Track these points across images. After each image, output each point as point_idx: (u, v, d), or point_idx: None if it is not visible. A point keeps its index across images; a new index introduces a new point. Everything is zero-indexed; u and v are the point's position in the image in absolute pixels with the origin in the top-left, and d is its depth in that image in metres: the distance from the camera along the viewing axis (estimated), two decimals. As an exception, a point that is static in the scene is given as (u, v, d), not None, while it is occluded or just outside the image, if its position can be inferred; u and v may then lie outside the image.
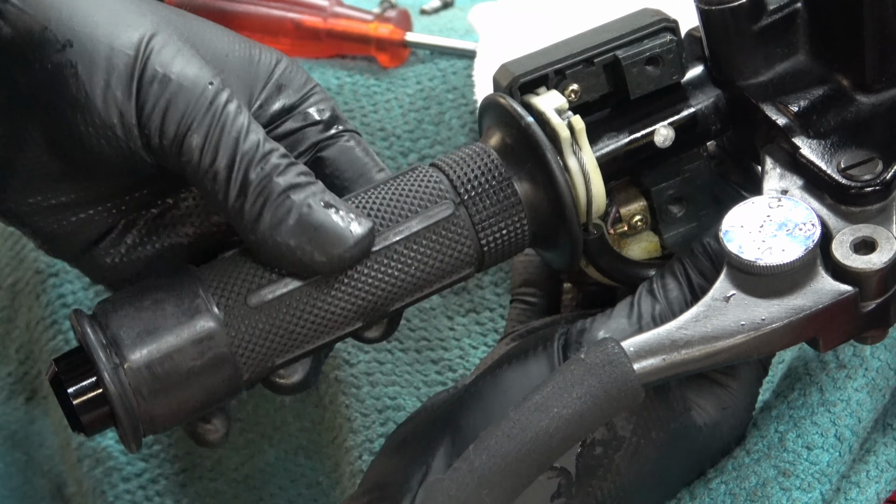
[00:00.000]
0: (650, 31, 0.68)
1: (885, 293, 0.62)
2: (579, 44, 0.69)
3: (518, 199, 0.67)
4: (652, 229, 0.71)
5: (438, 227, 0.66)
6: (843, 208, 0.63)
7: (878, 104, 0.66)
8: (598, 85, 0.69)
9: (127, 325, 0.63)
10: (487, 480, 0.58)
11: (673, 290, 0.66)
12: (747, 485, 0.67)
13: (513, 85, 0.68)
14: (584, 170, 0.66)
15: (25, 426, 1.03)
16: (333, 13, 1.07)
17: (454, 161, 0.67)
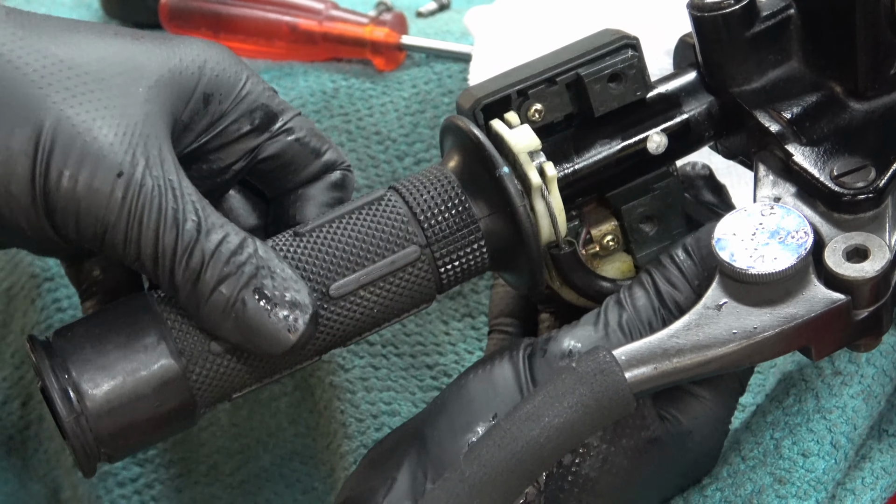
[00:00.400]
0: (611, 49, 0.68)
1: (877, 301, 0.61)
2: (541, 64, 0.69)
3: (481, 234, 0.66)
4: (625, 250, 0.70)
5: (403, 272, 0.66)
6: (835, 216, 0.63)
7: (870, 111, 0.66)
8: (562, 104, 0.68)
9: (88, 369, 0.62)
10: (478, 490, 0.58)
11: (640, 298, 0.66)
12: (743, 492, 0.67)
13: (475, 107, 0.68)
14: (551, 213, 0.66)
15: (21, 431, 1.03)
16: (329, 16, 1.07)
17: (417, 190, 0.66)
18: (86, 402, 0.62)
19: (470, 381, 0.66)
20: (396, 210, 0.66)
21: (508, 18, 1.02)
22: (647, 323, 0.65)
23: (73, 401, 0.62)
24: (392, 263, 0.65)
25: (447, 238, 0.66)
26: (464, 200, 0.66)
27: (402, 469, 0.65)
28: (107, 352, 0.62)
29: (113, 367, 0.62)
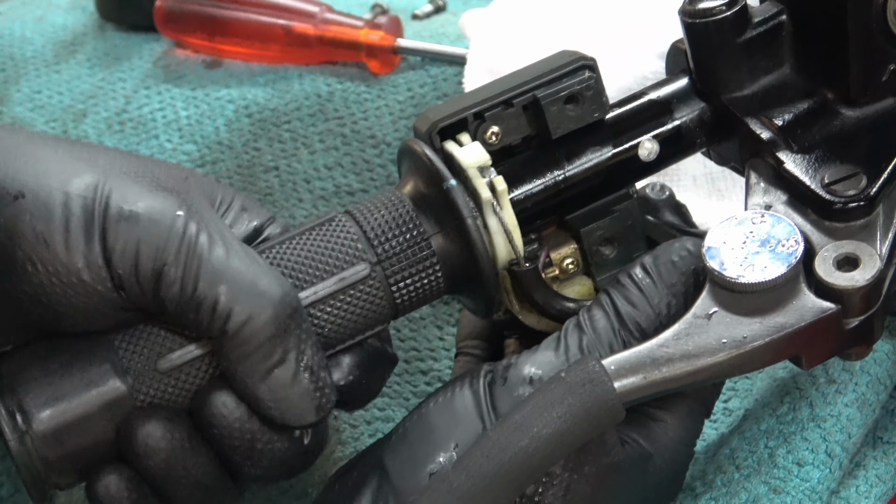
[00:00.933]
0: (568, 70, 0.68)
1: (868, 310, 0.61)
2: (498, 87, 0.69)
3: (433, 252, 0.66)
4: (585, 273, 0.70)
5: (353, 289, 0.65)
6: (826, 224, 0.63)
7: (862, 118, 0.66)
8: (519, 126, 0.68)
9: (34, 389, 0.61)
10: (467, 501, 0.58)
11: (600, 320, 0.65)
12: (737, 501, 0.67)
13: (431, 130, 0.67)
14: (505, 229, 0.66)
15: (15, 435, 1.02)
16: (324, 19, 1.07)
17: (370, 212, 0.66)
18: (31, 422, 0.61)
19: (430, 409, 0.65)
20: (347, 230, 0.66)
21: (503, 21, 1.02)
22: (607, 345, 0.64)
23: (19, 421, 0.61)
24: (341, 280, 0.65)
25: (398, 255, 0.65)
26: (414, 218, 0.66)
27: (363, 499, 0.64)
28: (52, 371, 0.62)
29: (59, 387, 0.61)
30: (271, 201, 0.99)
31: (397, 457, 0.65)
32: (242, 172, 1.02)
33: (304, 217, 0.97)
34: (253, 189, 1.01)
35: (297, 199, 0.99)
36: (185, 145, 1.06)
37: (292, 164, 1.01)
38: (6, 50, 1.18)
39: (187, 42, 1.12)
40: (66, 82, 1.14)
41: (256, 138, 1.04)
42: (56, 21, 1.20)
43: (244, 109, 1.06)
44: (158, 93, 1.10)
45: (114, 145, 1.08)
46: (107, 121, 1.10)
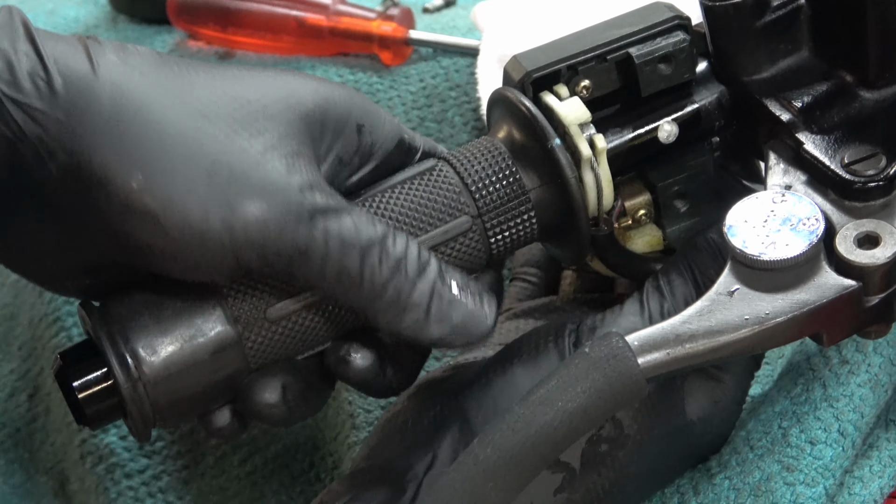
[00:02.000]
0: (664, 29, 0.68)
1: (888, 288, 0.62)
2: (592, 39, 0.68)
3: (531, 206, 0.66)
4: (654, 222, 0.71)
5: (455, 241, 0.66)
6: (846, 203, 0.63)
7: (881, 100, 0.66)
8: (609, 81, 0.68)
9: (146, 336, 0.62)
10: (492, 474, 0.58)
11: (679, 286, 0.66)
12: (751, 479, 0.67)
13: (525, 80, 0.67)
14: (598, 185, 0.66)
15: (28, 423, 1.03)
16: (336, 11, 1.07)
17: (469, 162, 0.67)
18: (144, 368, 0.62)
19: (515, 365, 0.67)
20: (448, 180, 0.66)
21: (515, 13, 1.02)
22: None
23: (132, 367, 0.62)
24: (445, 233, 0.65)
25: (498, 209, 0.66)
26: (514, 171, 0.66)
27: (443, 444, 0.65)
28: (164, 318, 0.62)
29: (170, 333, 0.62)
30: (285, 190, 1.00)
31: (481, 407, 0.66)
32: (255, 162, 1.02)
33: (317, 206, 0.98)
34: (266, 178, 1.01)
35: (310, 188, 0.99)
36: (198, 135, 1.06)
37: (305, 153, 1.01)
38: (18, 42, 1.18)
39: (200, 34, 1.12)
40: (78, 74, 1.15)
41: (269, 128, 1.04)
42: (68, 13, 1.20)
43: (257, 100, 1.06)
44: (171, 84, 1.10)
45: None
46: (119, 111, 1.10)
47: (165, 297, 0.63)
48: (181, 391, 0.63)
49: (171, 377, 0.62)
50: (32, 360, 1.02)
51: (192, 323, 0.62)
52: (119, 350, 0.62)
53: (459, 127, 0.99)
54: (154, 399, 0.62)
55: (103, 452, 0.95)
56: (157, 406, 0.62)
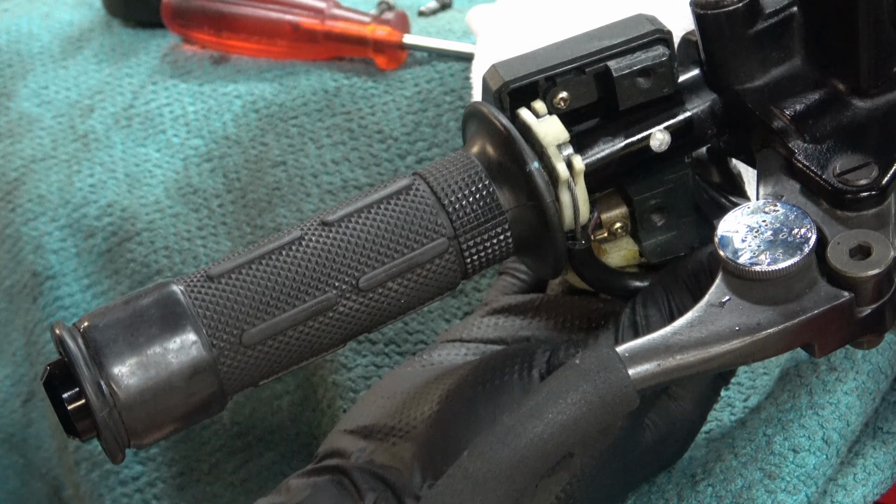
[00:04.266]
0: (644, 43, 0.67)
1: (880, 298, 0.61)
2: (571, 50, 0.68)
3: (508, 227, 0.66)
4: (631, 235, 0.70)
5: (431, 263, 0.65)
6: (838, 213, 0.63)
7: (873, 108, 0.66)
8: (588, 93, 0.68)
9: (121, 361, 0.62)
10: (482, 487, 0.58)
11: (656, 323, 0.65)
12: (733, 487, 0.67)
13: (503, 90, 0.67)
14: (575, 204, 0.66)
15: (22, 429, 1.03)
16: (331, 15, 1.07)
17: (446, 181, 0.66)
18: (118, 394, 0.61)
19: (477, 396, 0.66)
20: (425, 200, 0.65)
21: (510, 17, 1.02)
22: None
23: (106, 393, 0.61)
24: (421, 255, 0.65)
25: (474, 229, 0.65)
26: (491, 191, 0.66)
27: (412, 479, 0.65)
28: (139, 344, 0.62)
29: (145, 359, 0.62)
30: (279, 196, 1.00)
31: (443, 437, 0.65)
32: (250, 167, 1.02)
33: (311, 212, 0.98)
34: (260, 184, 1.01)
35: (304, 193, 0.99)
36: (192, 140, 1.06)
37: (300, 158, 1.01)
38: (13, 46, 1.19)
39: (194, 38, 1.12)
40: (73, 78, 1.15)
41: (264, 133, 1.04)
42: (63, 17, 1.20)
43: (251, 105, 1.06)
44: (166, 88, 1.10)
45: (121, 140, 1.08)
46: (114, 116, 1.10)
47: (141, 322, 0.63)
48: (155, 415, 0.62)
49: (146, 402, 0.62)
50: (27, 366, 1.02)
51: (166, 349, 0.62)
52: (94, 376, 0.62)
53: (454, 132, 0.99)
54: (128, 424, 0.62)
55: (98, 459, 0.95)
56: (131, 430, 0.62)
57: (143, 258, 1.00)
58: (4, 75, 1.17)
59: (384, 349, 0.90)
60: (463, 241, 0.65)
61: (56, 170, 1.07)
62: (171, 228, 1.01)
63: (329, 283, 0.64)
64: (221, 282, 0.64)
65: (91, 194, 1.05)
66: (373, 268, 0.64)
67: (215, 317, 0.63)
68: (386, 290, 0.65)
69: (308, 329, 0.64)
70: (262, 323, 0.63)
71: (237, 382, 0.64)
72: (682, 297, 0.66)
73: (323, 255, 0.64)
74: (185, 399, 0.63)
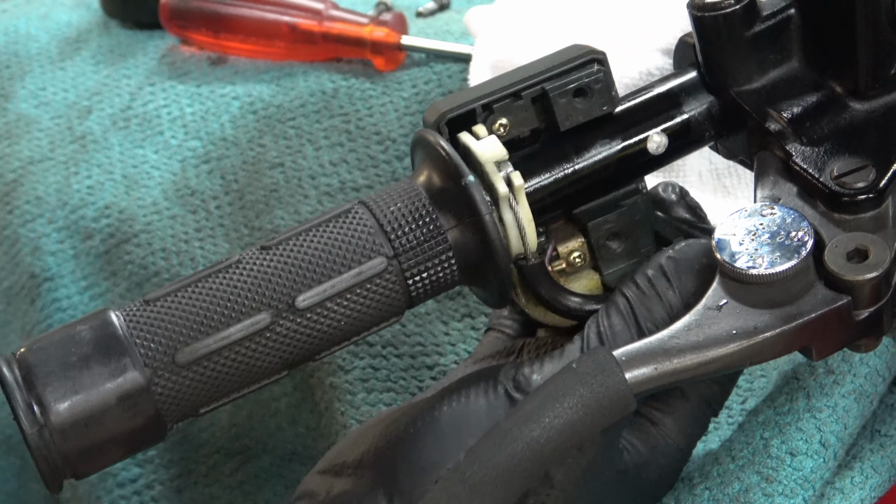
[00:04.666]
0: (577, 64, 0.67)
1: (878, 302, 0.61)
2: (507, 79, 0.68)
3: (449, 246, 0.65)
4: (592, 267, 0.70)
5: (370, 283, 0.65)
6: (836, 216, 0.63)
7: (871, 111, 0.66)
8: (528, 119, 0.68)
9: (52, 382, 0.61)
10: (479, 490, 0.58)
11: (621, 333, 0.64)
12: (730, 491, 0.67)
13: (440, 121, 0.67)
14: (519, 224, 0.66)
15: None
16: (329, 16, 1.07)
17: (386, 204, 0.66)
18: (49, 415, 0.60)
19: (443, 413, 0.65)
20: (364, 222, 0.65)
21: (508, 18, 1.02)
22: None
23: (37, 414, 0.60)
24: (359, 274, 0.64)
25: (414, 249, 0.65)
26: (431, 212, 0.65)
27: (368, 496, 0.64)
28: (70, 365, 0.61)
29: (77, 380, 0.61)
30: (276, 197, 1.00)
31: (407, 459, 0.64)
32: (248, 169, 1.02)
33: (309, 213, 0.98)
34: (258, 185, 1.01)
35: (302, 195, 0.99)
36: (190, 141, 1.06)
37: (297, 160, 1.01)
38: (11, 47, 1.19)
39: (192, 39, 1.12)
40: (70, 79, 1.15)
41: (261, 135, 1.04)
42: (61, 18, 1.20)
43: (249, 106, 1.06)
44: (163, 89, 1.10)
45: (119, 142, 1.08)
46: (112, 117, 1.10)
47: (74, 346, 0.62)
48: (90, 440, 0.61)
49: (78, 425, 0.61)
50: (25, 368, 1.02)
51: (99, 369, 0.61)
52: (24, 397, 0.61)
53: (452, 133, 0.98)
54: (62, 449, 0.61)
55: (95, 461, 0.95)
56: (66, 455, 0.61)
57: (141, 260, 1.00)
58: (2, 76, 1.17)
59: (381, 351, 0.90)
60: (403, 262, 0.65)
61: (54, 171, 1.07)
62: (168, 230, 1.01)
63: (264, 302, 0.63)
64: (157, 305, 0.63)
65: (89, 196, 1.04)
66: (309, 287, 0.64)
67: (149, 337, 0.62)
68: (325, 311, 0.64)
69: (245, 350, 0.63)
70: (196, 342, 0.63)
71: (175, 408, 0.63)
72: (644, 302, 0.65)
73: (259, 277, 0.64)
74: (121, 423, 0.62)
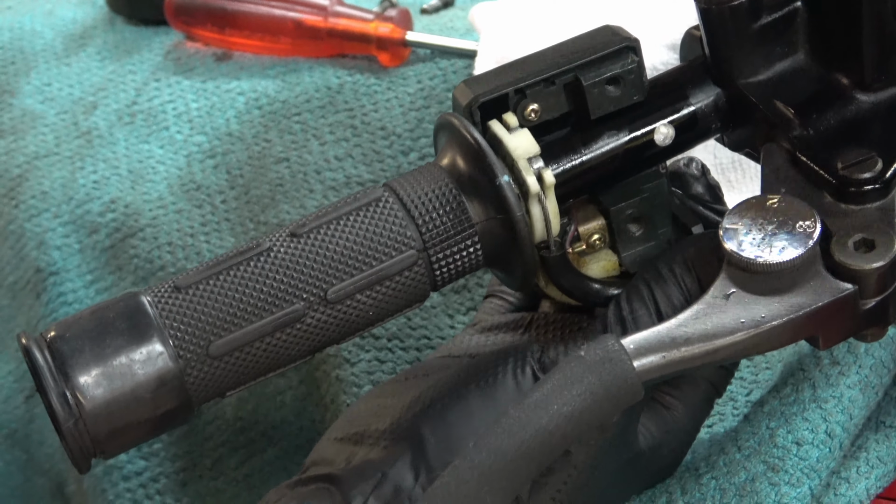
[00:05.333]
0: (612, 52, 0.68)
1: (884, 291, 0.62)
2: (540, 63, 0.68)
3: (477, 240, 0.66)
4: (610, 247, 0.70)
5: (400, 276, 0.65)
6: (842, 207, 0.63)
7: (877, 102, 0.66)
8: (558, 104, 0.68)
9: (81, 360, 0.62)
10: (487, 477, 0.58)
11: (642, 317, 0.65)
12: (737, 480, 0.68)
13: (472, 104, 0.67)
14: (546, 217, 0.66)
15: (25, 424, 1.03)
16: (334, 12, 1.07)
17: (415, 192, 0.66)
18: (84, 406, 0.61)
19: (471, 393, 0.66)
20: (394, 213, 0.65)
21: (513, 14, 1.02)
22: None
23: (72, 405, 0.61)
24: (389, 267, 0.65)
25: (443, 242, 0.65)
26: (461, 204, 0.66)
27: (395, 465, 0.65)
28: (106, 355, 0.62)
29: (111, 370, 0.62)
30: (282, 192, 1.00)
31: (435, 434, 0.65)
32: (253, 164, 1.03)
33: (314, 207, 0.98)
34: (264, 180, 1.01)
35: (307, 189, 0.99)
36: (195, 137, 1.06)
37: (303, 155, 1.01)
38: (16, 43, 1.19)
39: (197, 35, 1.12)
40: (76, 75, 1.15)
41: (267, 130, 1.04)
42: (66, 14, 1.21)
43: (254, 102, 1.06)
44: (169, 85, 1.10)
45: (124, 137, 1.08)
46: (117, 113, 1.10)
47: (107, 332, 0.63)
48: (120, 426, 0.62)
49: (112, 414, 0.62)
50: (30, 362, 1.02)
51: (133, 360, 0.62)
52: (59, 387, 0.61)
53: (457, 128, 0.99)
54: (94, 434, 0.62)
55: (101, 454, 0.95)
56: (97, 440, 0.62)
57: (147, 254, 1.00)
58: (8, 72, 1.17)
59: (387, 344, 0.90)
60: (432, 254, 0.65)
61: (59, 166, 1.07)
62: (174, 224, 1.01)
63: (297, 294, 0.64)
64: (189, 293, 0.63)
65: (94, 191, 1.05)
66: (341, 280, 0.64)
67: (182, 328, 0.63)
68: (354, 302, 0.65)
69: (275, 340, 0.64)
70: (229, 334, 0.63)
71: (204, 394, 0.64)
72: (664, 289, 0.65)
73: (291, 267, 0.64)
74: (152, 410, 0.62)
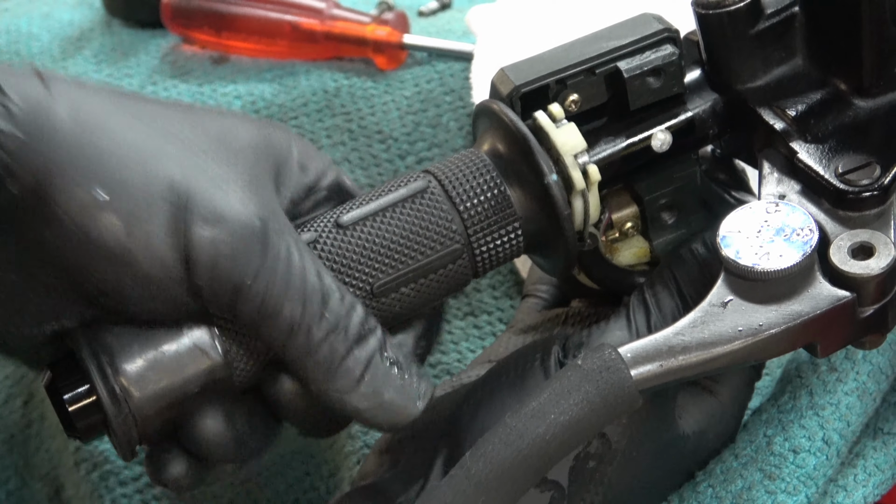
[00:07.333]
0: (653, 42, 0.67)
1: (882, 298, 0.61)
2: (580, 52, 0.68)
3: (520, 234, 0.66)
4: (641, 234, 0.70)
5: (444, 269, 0.66)
6: (840, 213, 0.63)
7: (875, 108, 0.66)
8: (598, 94, 0.68)
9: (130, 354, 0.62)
10: (484, 487, 0.58)
11: (665, 299, 0.66)
12: (733, 488, 0.67)
13: (514, 95, 0.67)
14: (586, 210, 0.66)
15: (23, 429, 1.03)
16: (331, 15, 1.07)
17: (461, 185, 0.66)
18: (133, 400, 0.62)
19: (502, 386, 0.66)
20: (440, 206, 0.65)
21: (510, 17, 1.02)
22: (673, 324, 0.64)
23: (121, 399, 0.62)
24: (436, 261, 0.65)
25: (486, 231, 0.66)
26: (504, 192, 0.66)
27: (434, 469, 0.65)
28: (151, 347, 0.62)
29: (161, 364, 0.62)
30: (279, 196, 1.00)
31: (470, 431, 0.65)
32: (250, 167, 1.02)
33: (311, 212, 0.98)
34: (261, 184, 1.01)
35: (304, 193, 0.99)
36: (192, 140, 1.06)
37: (300, 159, 1.01)
38: (13, 46, 1.18)
39: (194, 38, 1.12)
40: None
41: (264, 133, 1.04)
42: (62, 17, 1.20)
43: (251, 105, 1.06)
44: (165, 88, 1.10)
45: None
46: (114, 116, 1.10)
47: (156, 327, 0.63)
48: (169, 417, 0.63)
49: (161, 410, 0.62)
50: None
51: (180, 350, 0.62)
52: (109, 383, 0.62)
53: (454, 132, 0.99)
54: (142, 428, 0.62)
55: (98, 459, 0.95)
56: (144, 432, 0.63)
57: (143, 258, 1.00)
58: (4, 75, 1.17)
59: (385, 349, 0.90)
60: (475, 244, 0.66)
61: (56, 170, 1.07)
62: (171, 229, 1.01)
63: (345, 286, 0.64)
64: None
65: (91, 195, 1.04)
66: (387, 274, 0.65)
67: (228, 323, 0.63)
68: (399, 295, 0.65)
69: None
70: None
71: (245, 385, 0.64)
72: (688, 273, 0.66)
73: (338, 260, 0.64)
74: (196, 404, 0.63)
